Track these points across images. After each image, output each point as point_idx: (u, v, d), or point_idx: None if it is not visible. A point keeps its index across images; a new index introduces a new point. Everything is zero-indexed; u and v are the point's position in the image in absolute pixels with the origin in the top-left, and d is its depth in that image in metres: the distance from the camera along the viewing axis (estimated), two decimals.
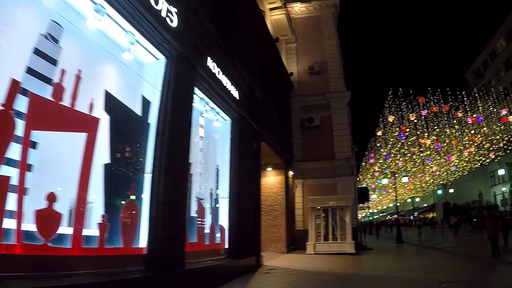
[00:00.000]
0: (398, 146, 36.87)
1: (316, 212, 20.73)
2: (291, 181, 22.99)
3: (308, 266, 14.50)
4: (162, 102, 8.26)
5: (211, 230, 10.88)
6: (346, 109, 25.45)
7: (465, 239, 28.97)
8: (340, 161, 23.92)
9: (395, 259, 18.40)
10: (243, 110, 13.30)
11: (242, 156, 12.93)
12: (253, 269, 13.01)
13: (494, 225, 15.61)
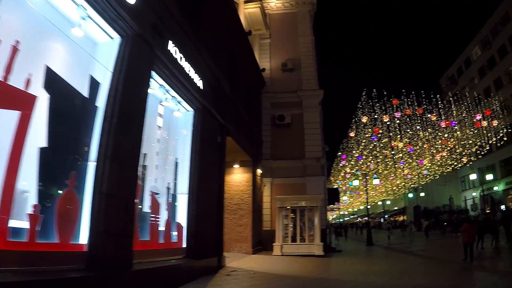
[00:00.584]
0: (370, 148, 36.72)
1: (284, 212, 20.26)
2: (259, 179, 22.45)
3: (273, 269, 13.96)
4: (112, 85, 7.53)
5: (166, 227, 10.14)
6: (318, 107, 25.07)
7: (436, 242, 29.02)
8: (310, 160, 23.48)
9: (365, 262, 18.04)
10: (207, 102, 12.62)
11: (204, 150, 12.25)
12: (214, 270, 12.35)
13: (469, 229, 15.38)
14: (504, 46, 52.15)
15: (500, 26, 52.68)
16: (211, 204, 13.00)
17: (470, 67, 60.93)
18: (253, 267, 14.13)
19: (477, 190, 57.03)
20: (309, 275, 12.48)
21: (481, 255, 17.71)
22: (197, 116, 12.14)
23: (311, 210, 20.16)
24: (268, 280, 11.15)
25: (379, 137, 34.04)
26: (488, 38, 56.09)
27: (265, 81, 25.15)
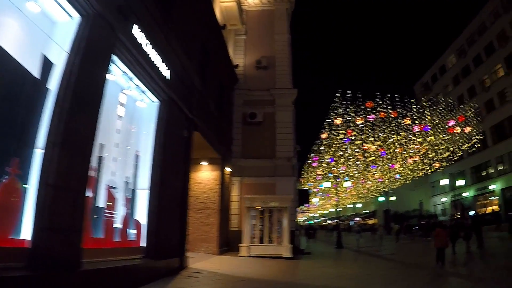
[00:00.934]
0: (342, 150, 36.57)
1: (252, 212, 19.84)
2: (228, 178, 21.95)
3: (239, 271, 13.45)
4: (67, 67, 6.91)
5: (123, 225, 9.53)
6: (291, 107, 24.71)
7: (406, 246, 29.08)
8: (281, 160, 23.09)
9: (334, 265, 17.73)
10: (174, 93, 12.04)
11: (169, 144, 11.64)
12: (175, 271, 11.78)
13: (442, 234, 15.36)
14: (479, 55, 53.80)
15: (477, 35, 54.35)
16: (174, 201, 12.41)
17: (444, 75, 62.69)
18: (217, 269, 13.62)
19: (447, 196, 59.57)
20: (276, 279, 12.08)
21: (454, 260, 17.57)
22: (162, 107, 11.51)
23: (280, 211, 19.80)
24: (231, 284, 10.68)
25: (352, 140, 33.87)
26: (464, 47, 57.67)
27: (238, 77, 24.69)
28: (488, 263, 16.52)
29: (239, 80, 24.90)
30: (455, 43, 60.42)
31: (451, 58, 61.99)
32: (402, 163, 40.52)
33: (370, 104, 29.88)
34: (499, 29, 49.27)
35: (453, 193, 53.34)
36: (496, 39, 50.09)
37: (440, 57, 65.21)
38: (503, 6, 48.41)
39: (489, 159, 51.05)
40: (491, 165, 50.95)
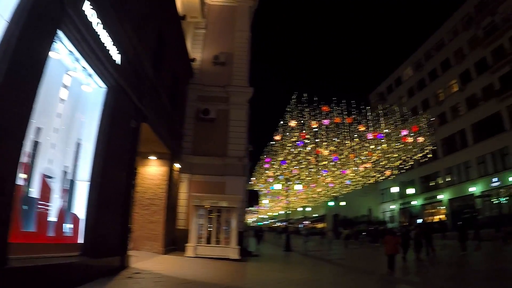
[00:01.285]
0: (295, 153, 36.54)
1: (200, 211, 19.36)
2: (177, 174, 21.33)
3: (183, 272, 12.94)
4: (5, 37, 6.19)
5: (59, 218, 8.77)
6: (245, 105, 24.42)
7: (355, 252, 29.36)
8: (232, 159, 22.76)
9: (283, 269, 17.52)
10: (124, 80, 11.36)
11: (114, 133, 10.94)
12: (116, 271, 11.09)
13: (392, 241, 15.52)
14: (435, 70, 56.59)
15: (434, 51, 56.91)
16: (117, 195, 11.74)
17: (400, 86, 65.00)
18: (161, 269, 13.03)
19: (396, 203, 62.31)
20: (222, 283, 11.65)
21: (406, 268, 17.76)
22: (110, 94, 10.76)
23: (229, 211, 19.46)
24: (174, 286, 10.15)
25: (305, 143, 33.89)
26: (421, 61, 60.26)
27: (194, 72, 24.14)
28: (439, 271, 16.68)
29: (195, 75, 24.37)
30: (413, 56, 63.10)
31: (407, 71, 64.63)
32: (354, 169, 41.11)
33: (326, 108, 29.99)
34: (457, 46, 52.15)
35: (402, 201, 55.38)
36: (453, 56, 52.80)
37: (397, 69, 67.72)
38: (463, 24, 50.94)
39: (439, 170, 53.94)
40: (440, 175, 53.88)
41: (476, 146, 47.35)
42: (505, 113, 43.41)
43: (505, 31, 43.72)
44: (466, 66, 50.25)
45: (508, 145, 42.33)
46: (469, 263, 19.10)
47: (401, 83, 65.92)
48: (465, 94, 50.30)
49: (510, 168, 41.72)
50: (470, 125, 48.88)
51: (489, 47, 46.31)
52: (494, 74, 45.20)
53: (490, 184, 44.07)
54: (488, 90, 46.19)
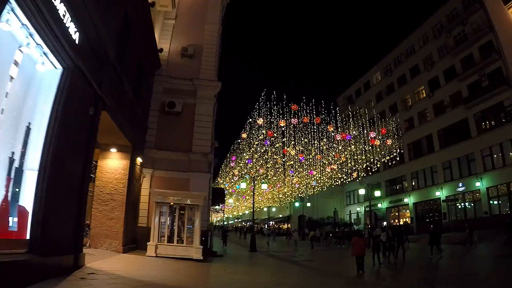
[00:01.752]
0: (261, 151, 36.12)
1: (162, 208, 18.56)
2: (139, 169, 20.51)
3: (141, 273, 12.18)
4: None
5: (2, 210, 7.94)
6: (213, 100, 23.79)
7: (321, 253, 29.23)
8: (197, 155, 22.05)
9: (248, 271, 16.96)
10: (83, 62, 10.51)
11: (70, 119, 10.09)
12: (68, 271, 10.21)
13: (359, 243, 15.89)
14: (404, 75, 57.49)
15: (404, 57, 57.87)
16: (71, 187, 10.88)
17: (368, 90, 65.49)
18: (118, 269, 12.22)
19: (361, 205, 63.23)
20: (181, 285, 10.98)
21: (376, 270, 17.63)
22: (66, 76, 9.89)
23: (192, 208, 18.77)
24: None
25: (272, 142, 33.49)
26: (391, 66, 61.09)
27: (160, 63, 23.32)
28: (408, 274, 16.46)
29: (162, 66, 23.58)
30: (382, 61, 63.74)
31: (376, 75, 65.32)
32: (321, 170, 41.08)
33: (295, 107, 29.60)
34: (427, 53, 53.24)
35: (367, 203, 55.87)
36: (423, 63, 53.89)
37: (366, 73, 68.33)
38: (433, 32, 52.13)
39: (405, 174, 54.97)
40: (406, 179, 54.85)
41: (443, 152, 48.44)
42: (471, 120, 44.69)
43: (475, 41, 44.96)
44: (435, 73, 51.35)
45: (474, 151, 43.57)
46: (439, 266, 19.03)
47: (369, 87, 66.64)
48: (433, 100, 51.37)
49: (475, 174, 42.85)
50: (437, 130, 49.99)
51: (459, 55, 47.50)
52: (462, 82, 46.40)
53: (456, 189, 45.30)
54: (456, 97, 47.42)
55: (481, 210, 41.69)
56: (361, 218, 62.92)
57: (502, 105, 41.37)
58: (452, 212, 46.27)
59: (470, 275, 15.75)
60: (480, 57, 44.23)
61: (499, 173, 40.16)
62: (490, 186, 41.34)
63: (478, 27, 44.83)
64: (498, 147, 41.02)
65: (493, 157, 41.90)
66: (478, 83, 44.23)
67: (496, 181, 40.67)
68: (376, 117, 51.24)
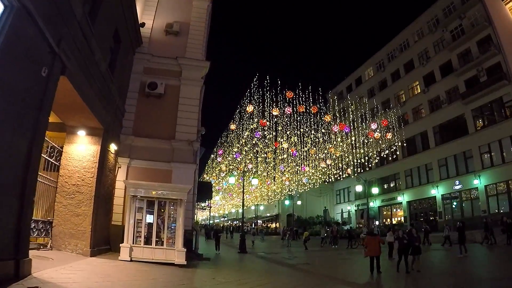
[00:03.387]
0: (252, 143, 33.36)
1: (138, 203, 15.67)
2: (113, 158, 17.68)
3: (105, 286, 9.37)
4: None
5: None
6: (200, 82, 21.02)
7: (317, 255, 26.64)
8: (181, 143, 19.21)
9: (242, 279, 13.67)
10: (33, 4, 7.73)
11: (10, 77, 7.36)
12: (5, 283, 7.49)
13: (372, 242, 14.93)
14: (398, 71, 56.07)
15: (398, 52, 56.45)
16: (10, 171, 8.11)
17: (360, 86, 63.58)
18: (74, 281, 9.22)
19: (352, 204, 61.82)
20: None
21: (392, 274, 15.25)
22: (9, 17, 7.14)
23: (174, 204, 15.88)
24: None
25: (263, 133, 30.67)
26: (384, 61, 59.70)
27: (142, 40, 20.54)
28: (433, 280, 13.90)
29: (143, 44, 20.75)
30: (374, 57, 62.14)
31: (368, 71, 63.74)
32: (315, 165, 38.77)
33: (290, 94, 26.72)
34: (422, 48, 51.83)
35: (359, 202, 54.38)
36: (418, 57, 52.45)
37: (358, 68, 66.58)
38: (429, 27, 50.86)
39: (398, 172, 53.39)
40: (400, 177, 53.25)
41: (438, 149, 46.81)
42: (469, 116, 43.11)
43: (473, 35, 43.44)
44: (431, 68, 49.73)
45: (471, 148, 42.05)
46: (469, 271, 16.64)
47: (361, 83, 64.71)
48: (428, 96, 49.73)
49: (473, 172, 41.24)
50: (432, 127, 48.39)
51: (455, 50, 45.94)
52: (459, 77, 44.77)
53: (453, 187, 43.64)
54: (453, 92, 46.06)
55: (479, 209, 40.07)
56: (352, 217, 60.78)
57: (501, 100, 39.89)
58: (448, 211, 44.61)
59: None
60: (478, 51, 42.75)
61: (498, 171, 38.61)
62: (488, 184, 39.72)
63: (476, 21, 43.32)
64: (497, 144, 39.42)
65: (491, 154, 40.33)
66: (476, 78, 42.69)
67: (495, 178, 39.05)
68: (368, 113, 50.04)
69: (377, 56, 61.30)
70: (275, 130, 30.20)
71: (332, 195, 68.70)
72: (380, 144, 37.13)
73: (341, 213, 64.05)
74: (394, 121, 47.02)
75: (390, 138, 41.65)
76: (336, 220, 61.55)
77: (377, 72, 60.72)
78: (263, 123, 28.53)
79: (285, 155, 35.28)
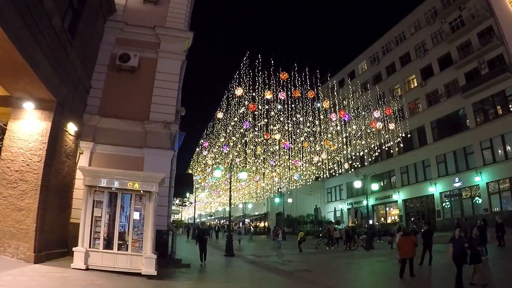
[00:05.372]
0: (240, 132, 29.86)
1: (97, 195, 12.17)
2: (72, 141, 14.23)
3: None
4: None
5: None
6: (181, 55, 17.52)
7: (315, 258, 23.08)
8: (156, 124, 15.73)
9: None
10: None
11: None
12: None
13: (406, 242, 13.22)
14: (393, 64, 53.39)
15: (393, 44, 53.81)
16: None
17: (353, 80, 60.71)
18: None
19: (344, 203, 59.12)
20: None
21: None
22: None
23: (142, 198, 12.36)
24: None
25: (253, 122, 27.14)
26: (378, 54, 57.08)
27: (115, 7, 17.05)
28: None
29: (117, 11, 17.24)
30: (369, 49, 59.33)
31: (362, 64, 60.99)
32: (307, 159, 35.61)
33: (285, 75, 23.20)
34: (419, 40, 49.20)
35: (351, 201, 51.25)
36: (414, 50, 49.88)
37: (351, 62, 63.67)
38: (426, 19, 48.22)
39: (393, 169, 50.76)
40: (395, 174, 50.65)
41: (436, 144, 43.90)
42: (469, 110, 40.31)
43: (473, 27, 40.62)
44: (428, 61, 46.73)
45: (472, 144, 39.18)
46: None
47: (355, 77, 61.21)
48: (425, 90, 46.81)
49: (474, 168, 38.30)
50: (430, 122, 45.48)
51: (455, 42, 43.05)
52: (459, 69, 41.91)
53: (452, 184, 40.57)
54: (452, 86, 43.27)
55: (480, 207, 37.06)
56: (344, 216, 57.42)
57: (504, 93, 36.98)
58: (446, 209, 41.70)
59: None
60: (479, 43, 39.84)
61: (501, 167, 35.71)
62: (490, 181, 36.81)
63: (476, 12, 40.46)
64: (500, 139, 36.55)
65: (494, 150, 37.39)
66: (477, 70, 39.82)
67: (497, 175, 36.13)
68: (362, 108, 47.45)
69: (372, 49, 58.36)
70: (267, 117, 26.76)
71: (323, 193, 65.70)
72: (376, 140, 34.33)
73: (334, 212, 60.58)
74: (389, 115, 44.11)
75: (385, 134, 39.16)
76: (328, 219, 57.96)
77: (371, 65, 57.82)
78: (252, 107, 24.78)
79: (277, 146, 31.79)
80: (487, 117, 38.82)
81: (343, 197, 59.74)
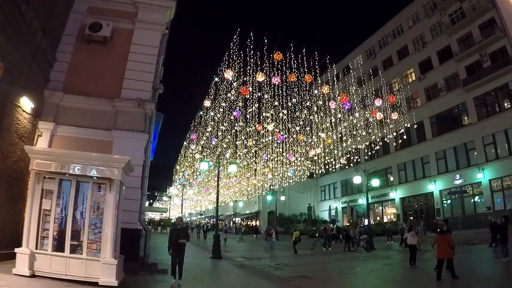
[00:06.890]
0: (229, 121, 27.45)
1: (47, 184, 9.68)
2: (28, 120, 11.80)
3: None
4: None
5: None
6: (161, 27, 14.97)
7: (313, 261, 20.64)
8: (129, 102, 13.25)
9: None
10: None
11: None
12: None
13: (442, 241, 12.35)
14: (390, 58, 51.72)
15: (390, 38, 52.09)
16: None
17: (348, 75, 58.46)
18: None
19: (338, 201, 56.89)
20: None
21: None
22: None
23: (101, 187, 9.89)
24: None
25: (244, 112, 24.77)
26: (374, 48, 55.32)
27: None
28: None
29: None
30: (365, 43, 57.48)
31: (358, 59, 58.80)
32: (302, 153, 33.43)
33: (279, 56, 20.83)
34: (418, 33, 47.28)
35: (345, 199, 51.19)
36: (412, 43, 48.01)
37: (346, 56, 60.83)
38: (425, 11, 46.27)
39: (390, 166, 48.67)
40: (392, 172, 48.55)
41: (436, 140, 41.78)
42: (471, 105, 38.18)
43: (474, 19, 38.52)
44: (427, 54, 44.62)
45: (474, 139, 37.06)
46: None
47: (349, 71, 58.26)
48: (424, 84, 44.79)
49: (476, 165, 36.24)
50: (429, 117, 43.39)
51: (455, 34, 40.89)
52: (460, 62, 39.74)
53: (453, 181, 38.27)
54: (452, 79, 41.13)
55: (483, 205, 35.07)
56: (338, 214, 55.00)
57: (507, 87, 34.89)
58: (446, 208, 39.52)
59: None
60: (480, 35, 37.81)
61: (504, 163, 33.66)
62: (493, 178, 34.74)
63: (477, 4, 38.33)
64: (503, 134, 34.46)
65: (496, 146, 35.33)
66: (479, 63, 37.72)
67: (501, 172, 34.06)
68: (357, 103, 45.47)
69: (367, 43, 56.38)
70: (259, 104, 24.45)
71: (316, 192, 63.48)
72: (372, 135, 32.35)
73: (329, 210, 58.14)
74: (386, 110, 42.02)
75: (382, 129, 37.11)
76: (322, 218, 56.02)
77: (368, 59, 55.78)
78: (244, 91, 22.29)
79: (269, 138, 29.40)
80: (490, 111, 36.81)
81: (338, 195, 57.72)
